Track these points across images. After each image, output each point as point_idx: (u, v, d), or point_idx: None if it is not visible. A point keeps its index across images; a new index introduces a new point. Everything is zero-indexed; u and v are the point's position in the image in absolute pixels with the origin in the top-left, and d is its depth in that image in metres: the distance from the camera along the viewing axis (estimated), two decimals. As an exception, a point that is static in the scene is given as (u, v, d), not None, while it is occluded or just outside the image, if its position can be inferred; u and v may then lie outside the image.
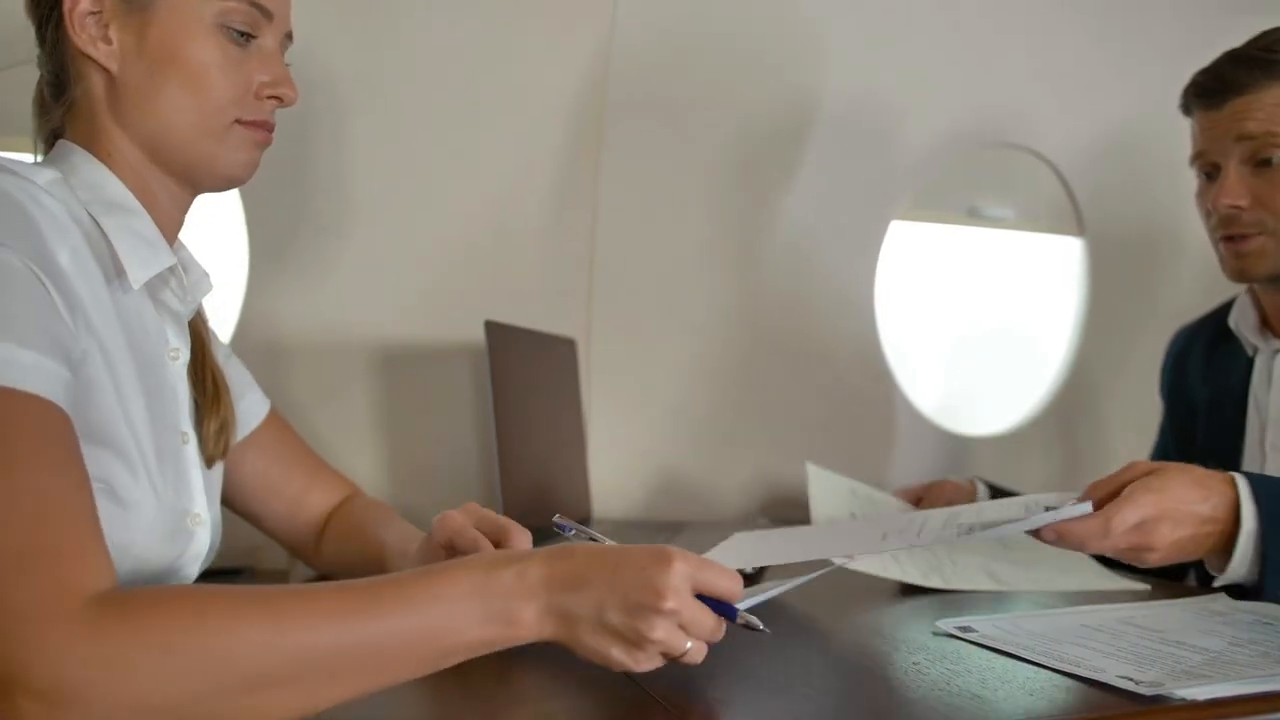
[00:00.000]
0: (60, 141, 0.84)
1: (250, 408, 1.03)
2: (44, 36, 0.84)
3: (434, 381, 1.50)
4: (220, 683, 0.56)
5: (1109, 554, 0.89)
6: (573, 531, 0.81)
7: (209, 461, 0.88)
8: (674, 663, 0.66)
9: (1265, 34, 1.18)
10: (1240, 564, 0.88)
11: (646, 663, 0.65)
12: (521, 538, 0.88)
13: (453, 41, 1.45)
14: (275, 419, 1.06)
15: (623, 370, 1.65)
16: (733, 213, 1.67)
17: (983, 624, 0.88)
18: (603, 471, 1.60)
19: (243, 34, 0.85)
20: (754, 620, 0.68)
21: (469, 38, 1.46)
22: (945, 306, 2.01)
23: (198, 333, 0.92)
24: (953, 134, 1.79)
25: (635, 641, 0.64)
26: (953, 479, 1.42)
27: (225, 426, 0.90)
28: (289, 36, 0.91)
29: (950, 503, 1.34)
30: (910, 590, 1.08)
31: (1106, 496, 0.88)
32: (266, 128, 0.88)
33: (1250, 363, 1.26)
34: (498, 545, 0.87)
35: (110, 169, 0.82)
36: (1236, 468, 1.23)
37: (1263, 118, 1.13)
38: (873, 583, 1.07)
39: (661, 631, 0.64)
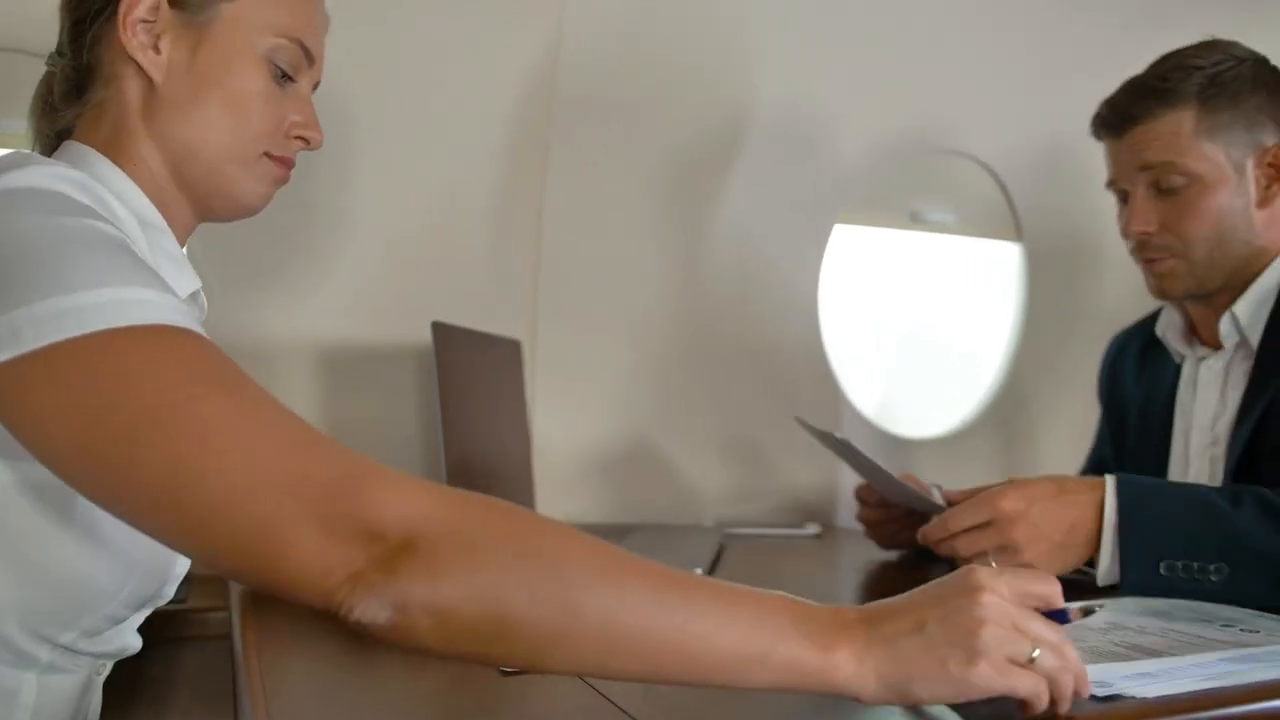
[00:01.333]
0: (70, 143, 0.83)
1: None
2: (82, 31, 0.83)
3: (377, 383, 1.49)
4: (558, 607, 0.56)
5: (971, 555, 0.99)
6: None
7: None
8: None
9: (1164, 59, 1.22)
10: (1104, 556, 0.96)
11: (994, 672, 0.58)
12: None
13: (398, 40, 1.44)
14: None
15: (568, 372, 1.65)
16: (677, 215, 1.68)
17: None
18: (548, 474, 1.59)
19: (285, 74, 0.86)
20: (1089, 604, 0.70)
21: (414, 37, 1.45)
22: (888, 309, 2.03)
23: None
24: (894, 139, 1.82)
25: (969, 647, 0.58)
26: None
27: None
28: (315, 85, 0.93)
29: None
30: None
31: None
32: (288, 165, 0.89)
33: (1178, 370, 1.30)
34: None
35: (132, 179, 0.81)
36: (1164, 472, 1.28)
37: (1160, 147, 1.17)
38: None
39: (990, 630, 0.58)
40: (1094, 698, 0.65)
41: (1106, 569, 0.96)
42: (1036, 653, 0.59)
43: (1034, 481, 1.00)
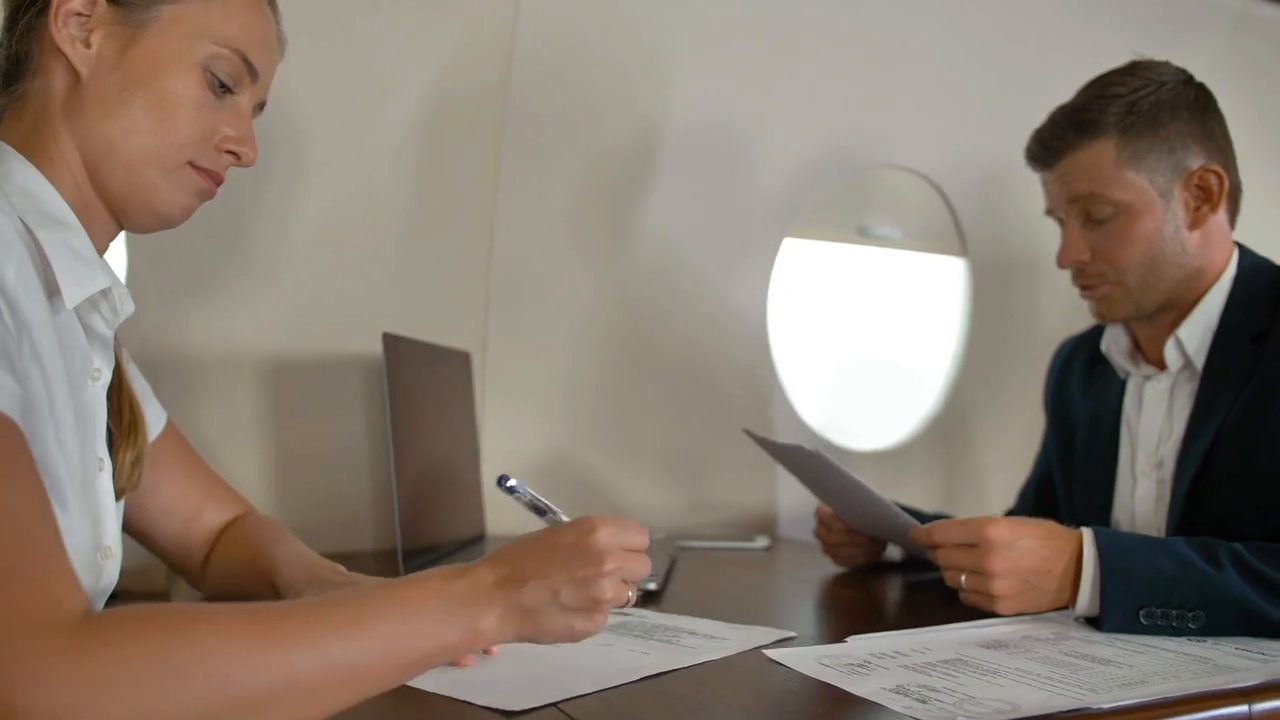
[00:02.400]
0: None
1: (147, 420, 0.98)
2: (15, 20, 0.80)
3: (322, 395, 1.46)
4: (213, 700, 0.54)
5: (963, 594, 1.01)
6: (514, 486, 0.81)
7: (119, 494, 0.84)
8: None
9: (1087, 86, 1.23)
10: (1084, 598, 0.98)
11: (603, 621, 0.72)
12: None
13: (350, 48, 1.42)
14: (172, 432, 1.02)
15: (518, 383, 1.64)
16: (628, 226, 1.68)
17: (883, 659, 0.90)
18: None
19: (223, 85, 0.84)
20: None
21: (365, 45, 1.43)
22: (835, 323, 2.04)
23: (116, 356, 0.87)
24: (842, 154, 1.83)
25: (591, 608, 0.70)
26: None
27: (140, 459, 0.86)
28: (261, 106, 0.91)
29: None
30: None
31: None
32: (215, 180, 0.87)
33: (1124, 385, 1.31)
34: None
35: (49, 177, 0.78)
36: (1110, 489, 1.29)
37: (1084, 179, 1.19)
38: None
39: (610, 590, 0.71)
40: None
41: (1086, 605, 0.98)
42: (631, 594, 0.74)
43: (1029, 521, 1.02)
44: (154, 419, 0.99)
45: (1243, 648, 0.88)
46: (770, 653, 0.86)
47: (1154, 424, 1.24)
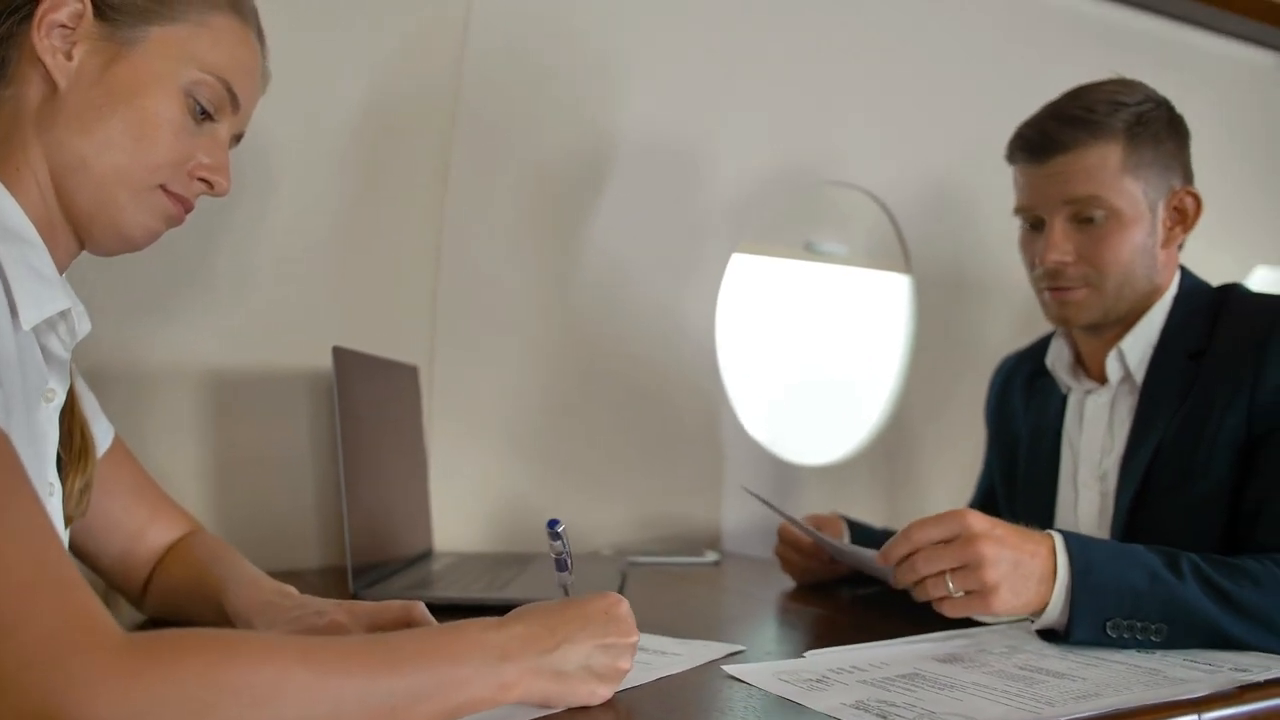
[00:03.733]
0: None
1: (95, 437, 0.95)
2: None
3: (269, 408, 1.43)
4: None
5: (949, 605, 0.95)
6: (560, 533, 0.84)
7: (67, 521, 0.81)
8: None
9: (1085, 90, 1.23)
10: (1053, 609, 0.95)
11: (617, 687, 0.75)
12: (423, 611, 0.87)
13: (294, 56, 1.39)
14: (119, 449, 0.99)
15: (466, 398, 1.62)
16: (578, 239, 1.67)
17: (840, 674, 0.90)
18: (445, 503, 1.56)
19: (204, 112, 0.83)
20: None
21: (310, 53, 1.41)
22: (783, 338, 2.06)
23: (69, 376, 0.85)
24: (788, 170, 1.85)
25: (613, 676, 0.74)
26: (822, 514, 1.43)
27: (89, 486, 0.83)
28: (238, 138, 0.90)
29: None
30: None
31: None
32: (185, 207, 0.85)
33: (1065, 400, 1.34)
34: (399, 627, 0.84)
35: (14, 189, 0.76)
36: (1053, 502, 1.31)
37: (1086, 179, 1.18)
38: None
39: (630, 661, 0.75)
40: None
41: (1054, 619, 0.96)
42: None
43: (997, 519, 0.97)
44: (101, 435, 0.96)
45: (1190, 659, 0.90)
46: (729, 668, 0.86)
47: (1095, 437, 1.27)
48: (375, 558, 1.24)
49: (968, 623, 1.01)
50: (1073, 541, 0.96)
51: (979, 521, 0.94)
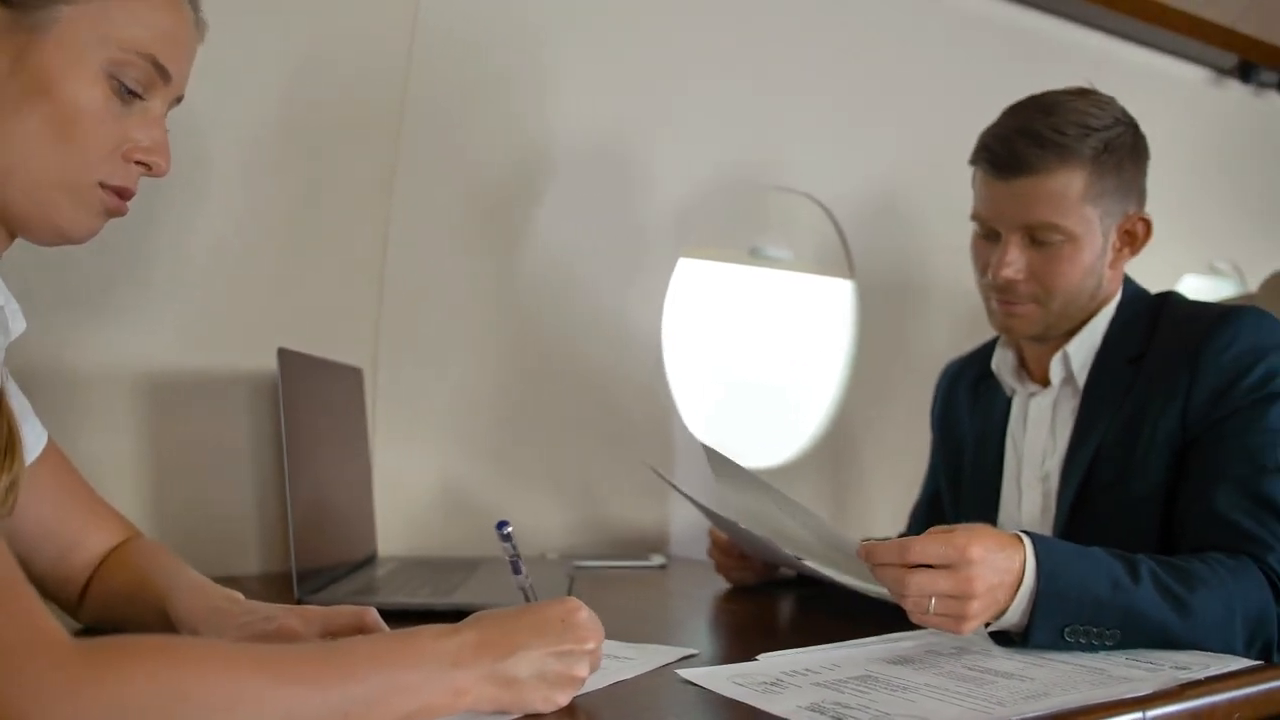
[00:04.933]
0: None
1: (26, 439, 0.91)
2: None
3: (208, 410, 1.40)
4: None
5: (920, 615, 0.92)
6: (508, 535, 0.82)
7: None
8: None
9: (1056, 106, 1.20)
10: (1014, 613, 0.94)
11: (573, 694, 0.73)
12: (375, 617, 0.85)
13: (241, 55, 1.37)
14: (53, 452, 0.96)
15: (411, 401, 1.60)
16: (523, 242, 1.66)
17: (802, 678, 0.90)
18: (389, 506, 1.53)
19: (131, 91, 0.77)
20: None
21: (258, 48, 1.38)
22: (728, 342, 2.07)
23: None
24: (736, 176, 1.86)
25: (568, 683, 0.72)
26: None
27: (15, 485, 0.79)
28: (178, 100, 0.84)
29: None
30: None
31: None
32: (126, 195, 0.80)
33: (1009, 403, 1.36)
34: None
35: None
36: (997, 504, 1.33)
37: (1046, 205, 1.17)
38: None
39: (587, 668, 0.73)
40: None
41: (1014, 623, 0.95)
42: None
43: (985, 529, 0.94)
44: (33, 439, 0.93)
45: (1132, 658, 0.91)
46: (684, 672, 0.86)
47: (1038, 439, 1.29)
48: (319, 562, 1.22)
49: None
50: (1040, 547, 0.95)
51: (978, 551, 0.90)
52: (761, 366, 2.12)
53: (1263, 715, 0.85)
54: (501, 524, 0.82)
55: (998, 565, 0.92)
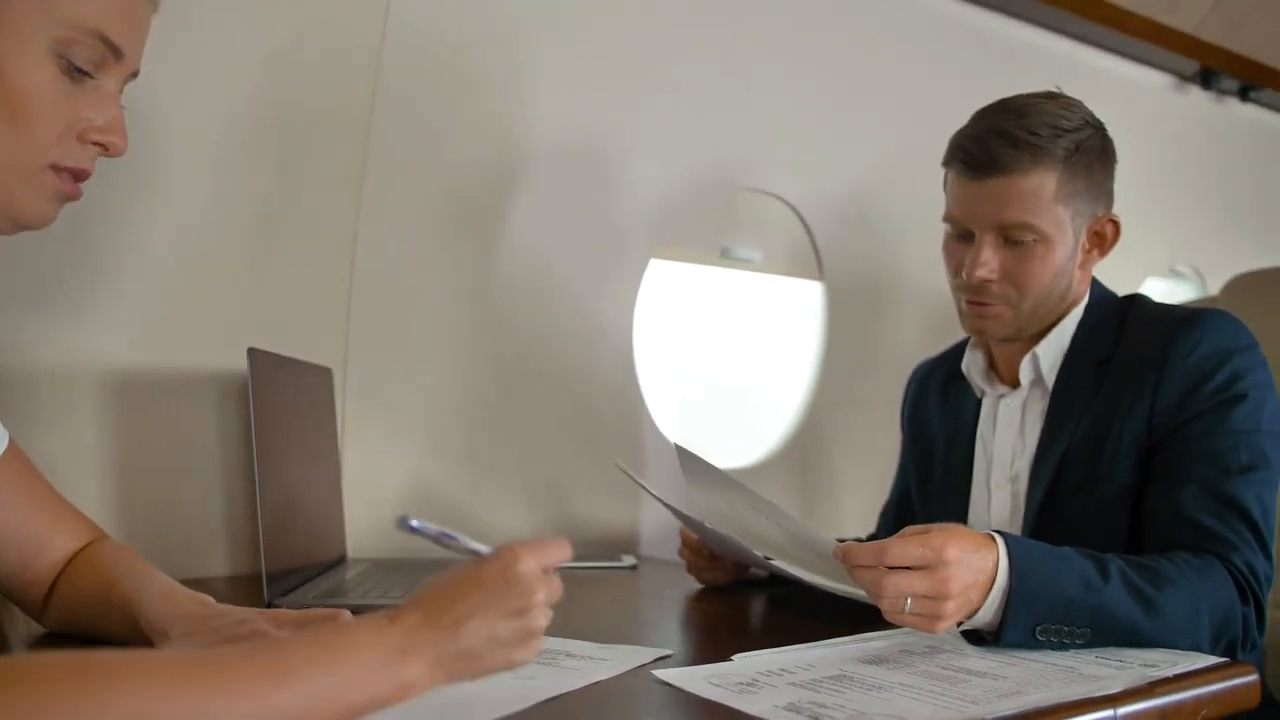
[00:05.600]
0: None
1: None
2: None
3: (175, 410, 1.38)
4: None
5: (896, 614, 0.92)
6: (420, 526, 0.72)
7: None
8: None
9: (1029, 108, 1.21)
10: (986, 612, 0.95)
11: (538, 647, 0.69)
12: (349, 619, 0.81)
13: (211, 50, 1.35)
14: (15, 453, 0.94)
15: (381, 401, 1.59)
16: (493, 242, 1.65)
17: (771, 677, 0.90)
18: (359, 508, 1.52)
19: (81, 70, 0.75)
20: None
21: (228, 44, 1.36)
22: (699, 342, 2.07)
23: None
24: (709, 176, 1.86)
25: (527, 639, 0.68)
26: None
27: None
28: (134, 74, 0.81)
29: None
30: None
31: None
32: (81, 177, 0.78)
33: (979, 404, 1.37)
34: None
35: None
36: (966, 504, 1.34)
37: (1020, 205, 1.18)
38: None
39: (543, 617, 0.69)
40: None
41: (986, 622, 0.96)
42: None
43: (960, 530, 0.95)
44: None
45: (1102, 657, 0.92)
46: (659, 673, 0.86)
47: (1008, 439, 1.31)
48: (289, 564, 1.21)
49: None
50: (1014, 547, 0.96)
51: (954, 552, 0.91)
52: (731, 367, 2.13)
53: (1228, 711, 0.87)
54: (402, 519, 0.74)
55: (973, 565, 0.92)
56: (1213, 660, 0.91)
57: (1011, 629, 0.94)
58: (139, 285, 1.35)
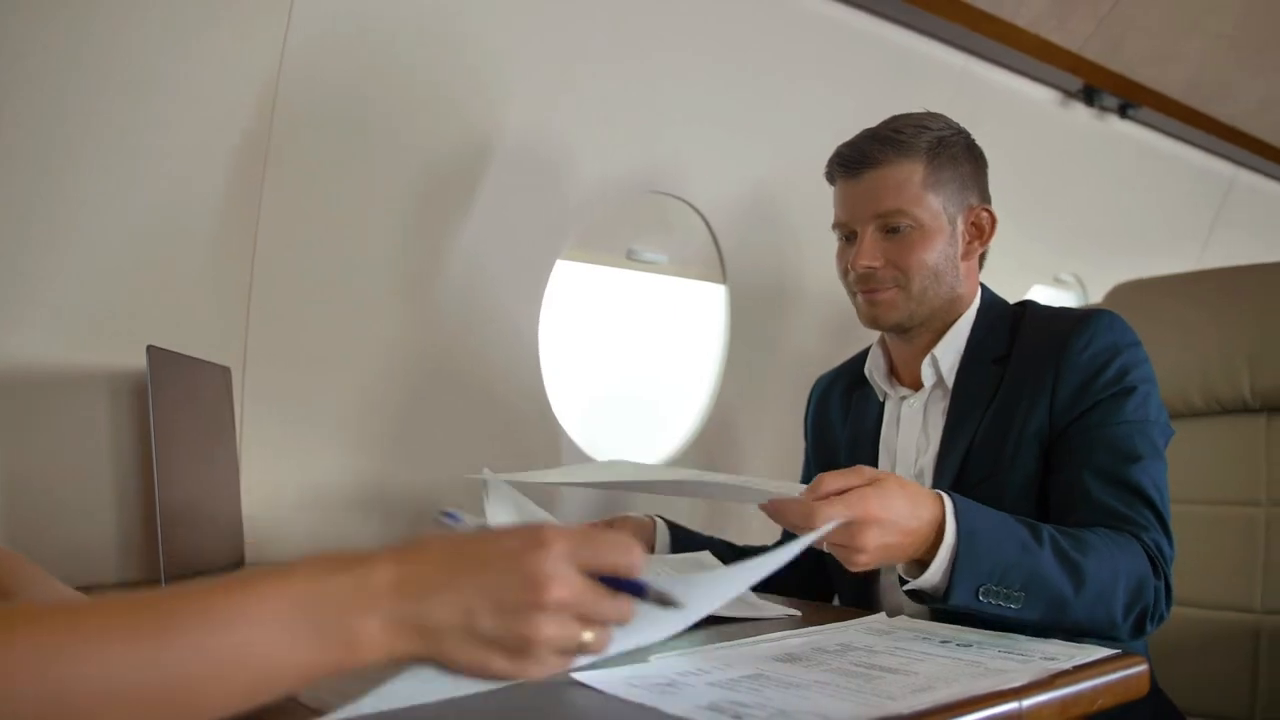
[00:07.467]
0: None
1: None
2: None
3: (62, 410, 1.32)
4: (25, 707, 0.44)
5: (822, 546, 0.96)
6: (462, 522, 0.65)
7: None
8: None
9: (897, 117, 1.36)
10: (934, 574, 1.00)
11: (541, 668, 0.54)
12: None
13: (111, 43, 1.29)
14: None
15: (280, 401, 1.54)
16: (404, 242, 1.63)
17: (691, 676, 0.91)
18: (259, 512, 1.48)
19: None
20: (670, 593, 0.55)
21: (128, 37, 1.31)
22: (605, 345, 2.07)
23: None
24: (616, 178, 1.87)
25: (520, 647, 0.53)
26: (634, 515, 1.45)
27: None
28: None
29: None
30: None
31: (825, 494, 0.97)
32: None
33: (881, 408, 1.42)
34: None
35: None
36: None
37: (892, 193, 1.30)
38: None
39: (551, 628, 0.53)
40: None
41: (933, 583, 1.00)
42: (589, 636, 0.56)
43: (895, 488, 0.98)
44: None
45: (1005, 651, 0.96)
46: (577, 675, 0.86)
47: (911, 439, 1.36)
48: (188, 568, 1.17)
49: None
50: (962, 511, 1.01)
51: (877, 512, 0.95)
52: (638, 368, 2.13)
53: (1121, 700, 0.92)
54: (445, 512, 0.71)
55: (895, 523, 0.96)
56: (1106, 652, 0.95)
57: (959, 590, 0.99)
58: (23, 279, 1.28)
